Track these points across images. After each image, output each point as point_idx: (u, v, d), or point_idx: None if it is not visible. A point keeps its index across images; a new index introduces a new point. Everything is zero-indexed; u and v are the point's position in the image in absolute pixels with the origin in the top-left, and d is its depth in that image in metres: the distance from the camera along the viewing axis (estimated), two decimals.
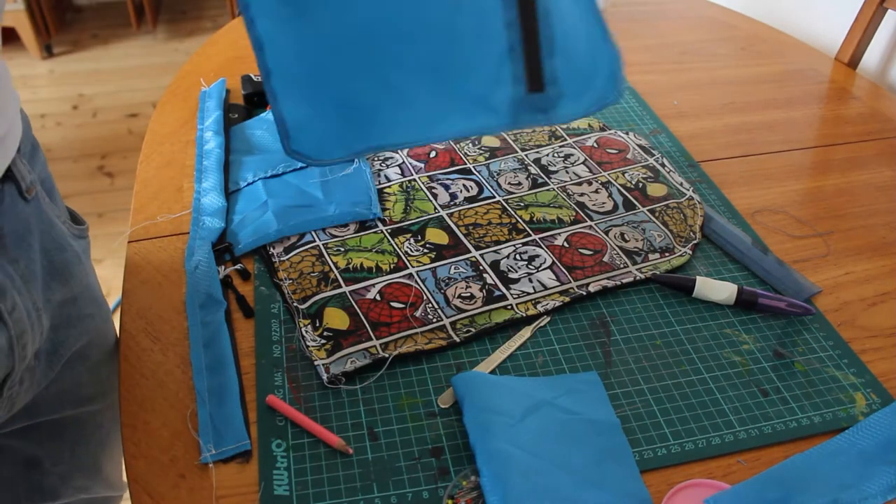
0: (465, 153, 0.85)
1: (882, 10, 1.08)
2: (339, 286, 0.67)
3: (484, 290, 0.68)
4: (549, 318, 0.66)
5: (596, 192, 0.80)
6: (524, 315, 0.65)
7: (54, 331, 0.60)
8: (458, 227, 0.75)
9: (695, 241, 0.74)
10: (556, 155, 0.86)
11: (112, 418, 0.75)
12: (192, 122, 0.90)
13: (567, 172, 0.83)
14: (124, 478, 0.79)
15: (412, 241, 0.73)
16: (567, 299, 0.67)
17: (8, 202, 0.52)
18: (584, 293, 0.68)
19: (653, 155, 0.86)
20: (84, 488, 0.74)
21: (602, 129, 0.90)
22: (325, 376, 0.59)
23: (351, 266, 0.69)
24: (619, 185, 0.81)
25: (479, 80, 0.52)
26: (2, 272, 0.50)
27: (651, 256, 0.72)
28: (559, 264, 0.70)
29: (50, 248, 0.57)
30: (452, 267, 0.70)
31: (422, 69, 0.51)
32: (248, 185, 0.78)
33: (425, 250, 0.72)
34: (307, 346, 0.62)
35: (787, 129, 0.94)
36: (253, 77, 0.94)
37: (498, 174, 0.82)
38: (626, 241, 0.74)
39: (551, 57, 0.52)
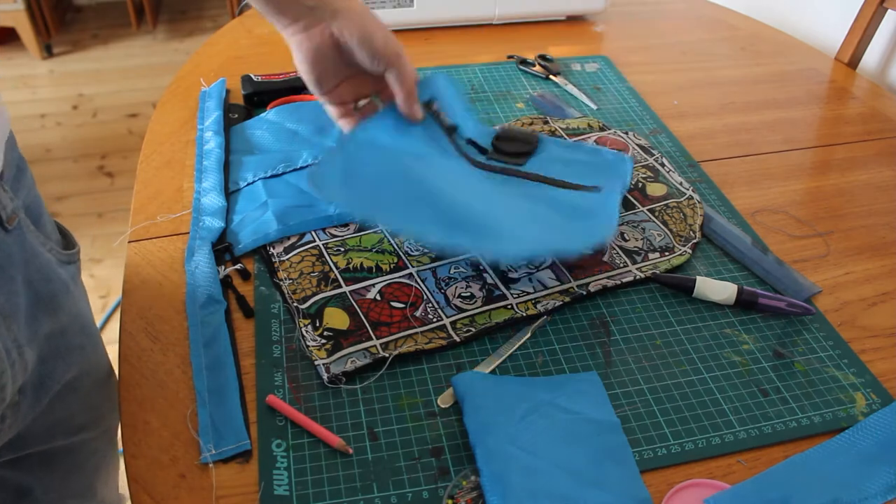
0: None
1: (882, 10, 1.08)
2: (339, 286, 0.67)
3: (484, 290, 0.68)
4: (549, 318, 0.66)
5: None
6: (524, 315, 0.65)
7: (41, 363, 0.57)
8: None
9: (694, 241, 0.74)
10: None
11: (107, 442, 0.73)
12: (192, 122, 0.90)
13: None
14: (121, 490, 0.78)
15: (412, 240, 0.73)
16: (567, 299, 0.67)
17: None
18: (584, 293, 0.68)
19: (652, 155, 0.86)
20: None
21: (602, 129, 0.90)
22: (325, 376, 0.59)
23: (351, 266, 0.69)
24: None
25: None
26: None
27: (651, 256, 0.72)
28: (559, 264, 0.70)
29: (34, 280, 0.55)
30: (452, 266, 0.70)
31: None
32: (248, 185, 0.78)
33: (425, 250, 0.72)
34: (307, 346, 0.62)
35: (787, 129, 0.94)
36: (253, 77, 0.94)
37: None
38: (625, 241, 0.74)
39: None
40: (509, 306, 0.66)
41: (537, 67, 1.04)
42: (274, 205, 0.74)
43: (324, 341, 0.62)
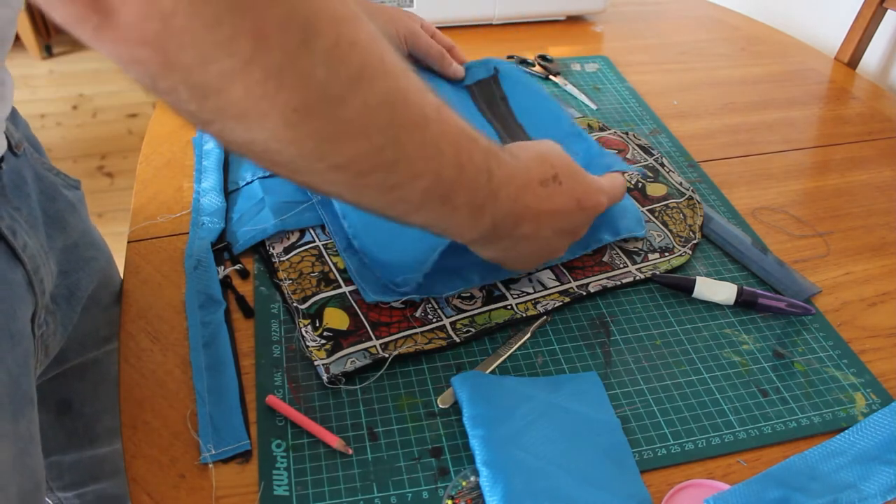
0: None
1: (882, 10, 1.08)
2: (339, 286, 0.67)
3: (483, 290, 0.67)
4: (549, 318, 0.66)
5: None
6: (524, 315, 0.65)
7: (65, 276, 0.64)
8: None
9: (694, 241, 0.74)
10: None
11: None
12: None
13: None
14: None
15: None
16: (567, 299, 0.67)
17: (5, 155, 0.56)
18: (584, 293, 0.68)
19: (652, 155, 0.86)
20: (115, 431, 0.78)
21: (602, 129, 0.90)
22: (325, 376, 0.59)
23: None
24: None
25: None
26: (8, 217, 0.54)
27: (651, 256, 0.72)
28: (559, 264, 0.70)
29: (43, 199, 0.61)
30: None
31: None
32: (247, 184, 0.78)
33: None
34: (307, 346, 0.62)
35: (787, 129, 0.94)
36: None
37: None
38: (625, 241, 0.73)
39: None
40: (509, 307, 0.66)
41: (537, 67, 1.04)
42: (270, 201, 0.74)
43: (323, 341, 0.62)
